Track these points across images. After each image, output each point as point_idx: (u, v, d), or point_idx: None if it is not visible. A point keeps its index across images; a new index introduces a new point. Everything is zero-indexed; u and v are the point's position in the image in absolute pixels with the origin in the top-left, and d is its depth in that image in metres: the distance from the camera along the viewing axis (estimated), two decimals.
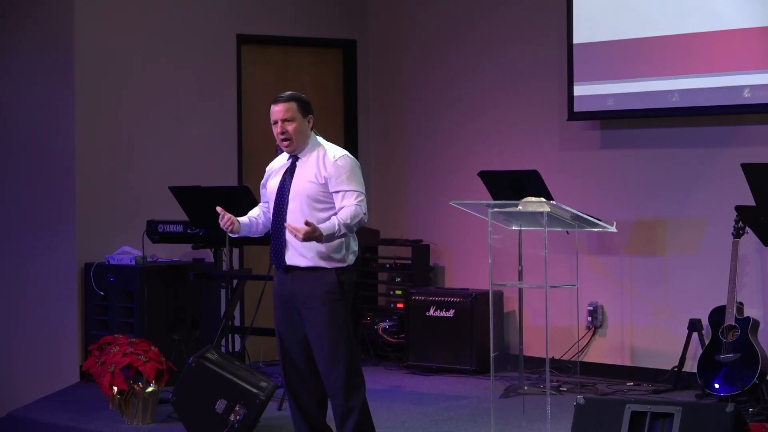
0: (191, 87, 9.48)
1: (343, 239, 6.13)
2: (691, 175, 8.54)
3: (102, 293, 8.80)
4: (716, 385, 7.70)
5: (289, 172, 6.24)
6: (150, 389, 7.45)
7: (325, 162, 6.16)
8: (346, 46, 10.30)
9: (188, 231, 8.62)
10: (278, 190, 6.24)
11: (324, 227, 5.97)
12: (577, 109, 8.89)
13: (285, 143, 6.21)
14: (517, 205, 6.82)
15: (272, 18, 9.89)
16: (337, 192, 6.11)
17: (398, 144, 10.15)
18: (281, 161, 6.39)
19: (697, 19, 8.30)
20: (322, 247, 6.09)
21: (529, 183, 8.24)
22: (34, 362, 9.26)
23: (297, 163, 6.24)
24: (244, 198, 8.12)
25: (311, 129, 6.26)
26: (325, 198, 6.14)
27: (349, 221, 6.02)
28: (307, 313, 6.18)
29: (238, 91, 9.68)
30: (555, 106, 9.16)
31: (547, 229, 6.72)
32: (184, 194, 8.43)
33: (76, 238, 8.99)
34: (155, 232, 8.78)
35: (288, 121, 6.17)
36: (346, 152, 6.24)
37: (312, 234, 5.92)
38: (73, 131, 9.01)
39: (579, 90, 8.85)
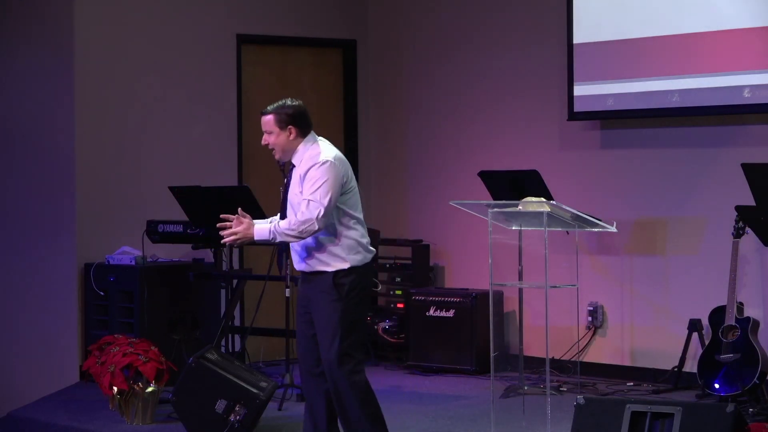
0: (191, 87, 9.48)
1: (345, 242, 6.17)
2: (691, 175, 8.54)
3: (102, 293, 8.80)
4: (716, 385, 7.70)
5: (288, 182, 6.35)
6: (150, 389, 7.45)
7: (302, 172, 6.24)
8: (346, 46, 10.30)
9: (188, 231, 8.62)
10: (281, 201, 6.38)
11: (258, 230, 6.22)
12: (577, 109, 8.88)
13: (273, 153, 6.38)
14: (517, 205, 6.83)
15: (272, 18, 9.89)
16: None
17: (398, 144, 10.14)
18: None
19: (697, 19, 8.30)
20: (317, 252, 6.19)
21: (529, 183, 8.24)
22: (34, 362, 9.26)
23: (293, 171, 6.32)
24: (244, 198, 8.12)
25: (296, 137, 6.28)
26: None
27: (284, 229, 6.13)
28: (313, 314, 6.28)
29: (238, 91, 9.68)
30: (555, 106, 9.16)
31: (547, 229, 6.73)
32: (184, 194, 8.43)
33: (76, 238, 8.99)
34: (155, 232, 8.77)
35: (268, 133, 6.34)
36: (323, 158, 6.18)
37: (236, 238, 6.25)
38: (73, 131, 9.01)
39: (579, 90, 8.85)
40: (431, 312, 9.22)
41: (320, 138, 6.35)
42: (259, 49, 9.91)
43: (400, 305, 9.56)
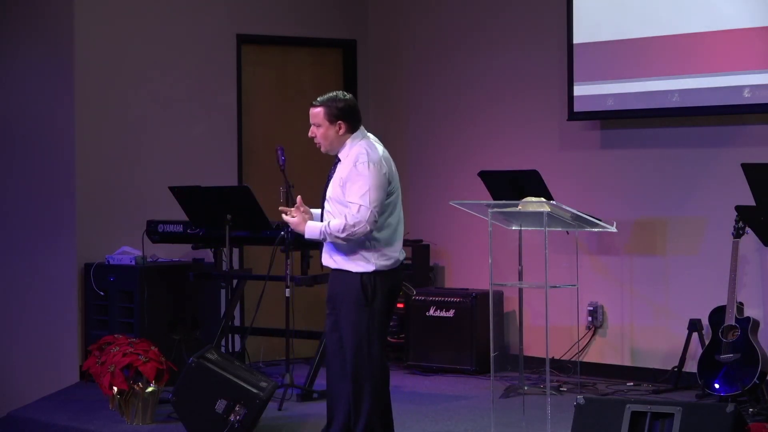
0: (191, 87, 9.48)
1: (374, 245, 6.14)
2: (691, 175, 8.54)
3: (102, 293, 8.80)
4: (716, 385, 7.70)
5: (331, 174, 6.29)
6: (150, 389, 7.45)
7: (347, 167, 6.18)
8: (346, 46, 10.30)
9: (188, 231, 8.63)
10: (322, 191, 6.32)
11: (310, 229, 6.15)
12: (577, 109, 8.89)
13: (318, 146, 6.29)
14: (517, 205, 6.82)
15: (272, 18, 9.89)
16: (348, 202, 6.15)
17: (398, 144, 10.13)
18: None
19: (697, 19, 8.30)
20: (343, 250, 6.16)
21: (529, 183, 8.24)
22: (34, 362, 9.26)
23: (338, 165, 6.27)
24: (244, 198, 8.13)
25: (345, 132, 6.22)
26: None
27: (335, 231, 6.09)
28: (338, 315, 6.24)
29: (238, 91, 9.68)
30: (555, 106, 9.16)
31: (547, 229, 6.72)
32: (184, 194, 8.43)
33: (76, 238, 8.99)
34: (155, 232, 8.78)
35: (316, 126, 6.25)
36: (369, 159, 6.13)
37: (296, 223, 6.20)
38: (73, 131, 9.01)
39: (579, 90, 8.85)
40: (431, 312, 9.22)
41: (369, 134, 6.30)
42: (259, 49, 9.91)
43: (400, 305, 9.55)
